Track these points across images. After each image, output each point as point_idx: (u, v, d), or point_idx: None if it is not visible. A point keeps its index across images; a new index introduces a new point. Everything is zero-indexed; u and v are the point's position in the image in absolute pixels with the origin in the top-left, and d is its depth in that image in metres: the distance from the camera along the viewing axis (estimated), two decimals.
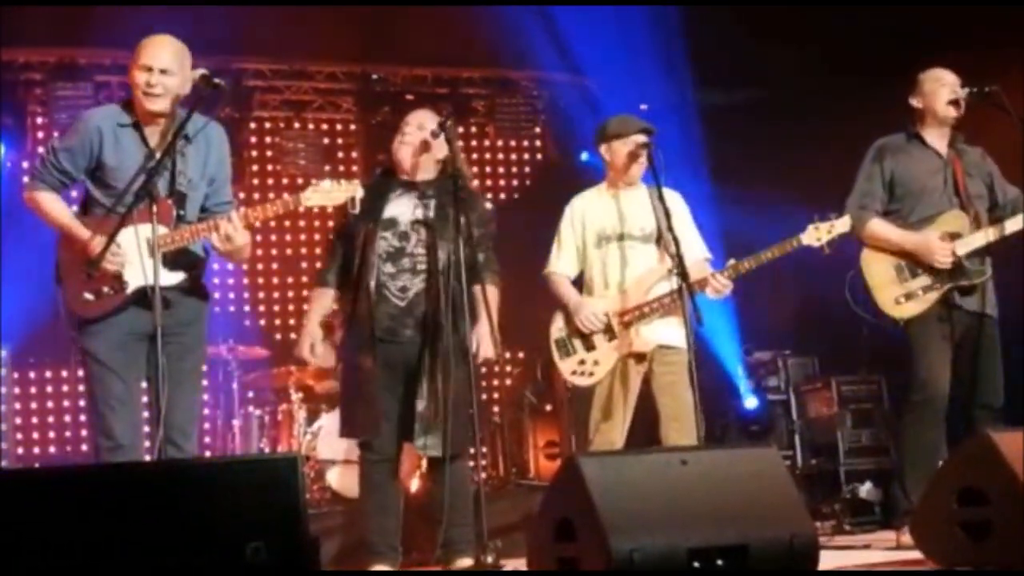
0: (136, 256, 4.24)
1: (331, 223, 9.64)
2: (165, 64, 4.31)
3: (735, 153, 8.38)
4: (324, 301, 5.13)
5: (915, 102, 5.45)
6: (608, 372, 5.21)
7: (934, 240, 5.26)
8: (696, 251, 5.34)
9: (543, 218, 10.14)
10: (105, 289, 4.31)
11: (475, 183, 6.01)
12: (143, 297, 4.24)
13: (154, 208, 4.20)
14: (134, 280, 4.29)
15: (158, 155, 4.30)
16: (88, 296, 4.31)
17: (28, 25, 7.47)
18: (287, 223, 9.68)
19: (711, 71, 8.50)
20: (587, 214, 5.37)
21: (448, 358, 4.77)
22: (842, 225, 5.17)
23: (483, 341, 4.88)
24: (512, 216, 10.24)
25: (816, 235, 5.15)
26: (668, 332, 5.19)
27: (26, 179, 4.59)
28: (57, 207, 4.44)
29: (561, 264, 5.39)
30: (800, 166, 7.94)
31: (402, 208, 4.97)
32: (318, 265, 9.42)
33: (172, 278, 4.37)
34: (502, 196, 10.17)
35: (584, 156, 9.63)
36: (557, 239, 5.44)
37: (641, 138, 5.25)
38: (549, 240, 5.50)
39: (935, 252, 5.23)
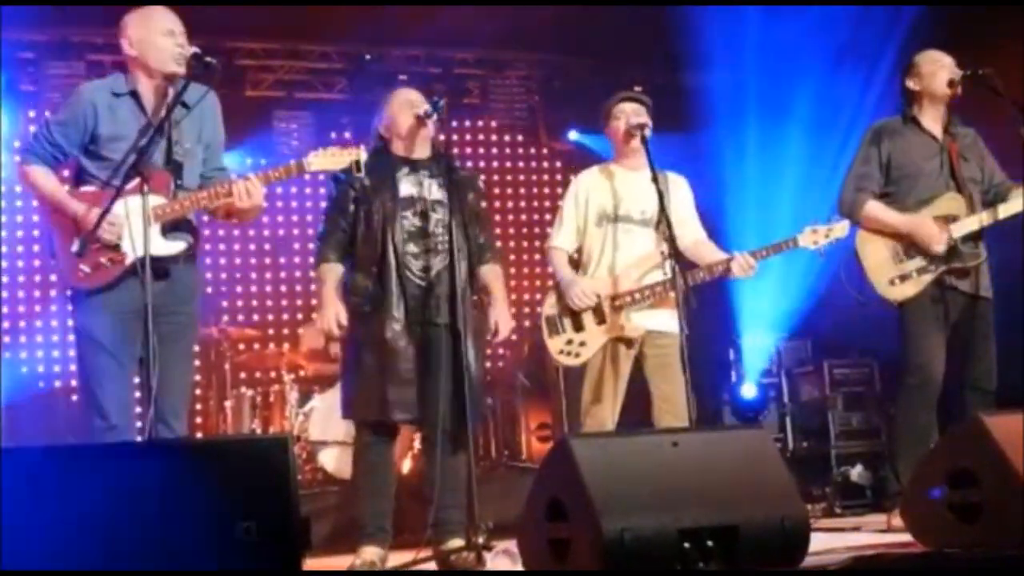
0: (134, 227, 4.21)
1: (323, 204, 9.68)
2: (182, 27, 4.40)
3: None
4: (336, 275, 4.93)
5: (912, 84, 5.43)
6: (594, 354, 5.20)
7: (930, 224, 5.25)
8: (699, 233, 5.34)
9: (535, 199, 10.25)
10: (103, 260, 4.28)
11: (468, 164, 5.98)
12: (141, 270, 4.18)
13: (145, 186, 4.16)
14: (132, 251, 4.26)
15: (155, 127, 4.29)
16: (85, 268, 4.27)
17: (20, 3, 7.41)
18: (279, 203, 9.64)
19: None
20: (591, 192, 5.35)
21: (468, 336, 4.81)
22: (840, 230, 5.15)
23: (501, 320, 4.96)
24: (504, 197, 10.29)
25: (813, 238, 5.13)
26: (659, 318, 5.17)
27: (17, 156, 4.57)
28: (50, 181, 4.42)
29: (561, 239, 5.38)
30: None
31: (416, 186, 4.93)
32: (310, 239, 9.65)
33: (172, 247, 4.36)
34: (495, 177, 10.12)
35: (573, 135, 9.61)
36: (560, 213, 5.43)
37: (634, 110, 5.22)
38: (540, 221, 5.50)
39: (931, 238, 5.23)
